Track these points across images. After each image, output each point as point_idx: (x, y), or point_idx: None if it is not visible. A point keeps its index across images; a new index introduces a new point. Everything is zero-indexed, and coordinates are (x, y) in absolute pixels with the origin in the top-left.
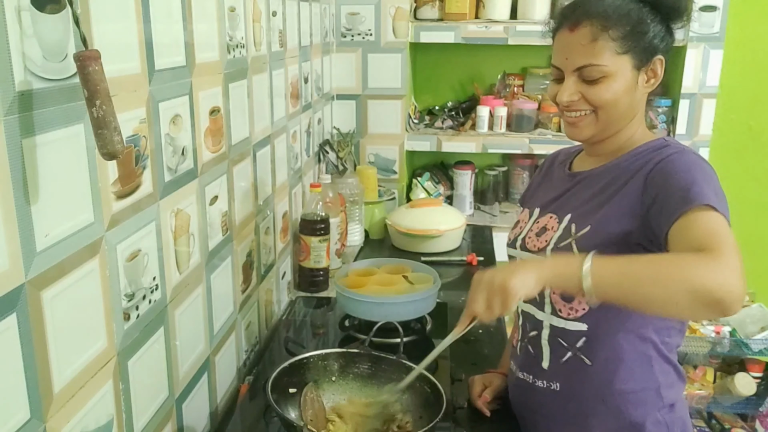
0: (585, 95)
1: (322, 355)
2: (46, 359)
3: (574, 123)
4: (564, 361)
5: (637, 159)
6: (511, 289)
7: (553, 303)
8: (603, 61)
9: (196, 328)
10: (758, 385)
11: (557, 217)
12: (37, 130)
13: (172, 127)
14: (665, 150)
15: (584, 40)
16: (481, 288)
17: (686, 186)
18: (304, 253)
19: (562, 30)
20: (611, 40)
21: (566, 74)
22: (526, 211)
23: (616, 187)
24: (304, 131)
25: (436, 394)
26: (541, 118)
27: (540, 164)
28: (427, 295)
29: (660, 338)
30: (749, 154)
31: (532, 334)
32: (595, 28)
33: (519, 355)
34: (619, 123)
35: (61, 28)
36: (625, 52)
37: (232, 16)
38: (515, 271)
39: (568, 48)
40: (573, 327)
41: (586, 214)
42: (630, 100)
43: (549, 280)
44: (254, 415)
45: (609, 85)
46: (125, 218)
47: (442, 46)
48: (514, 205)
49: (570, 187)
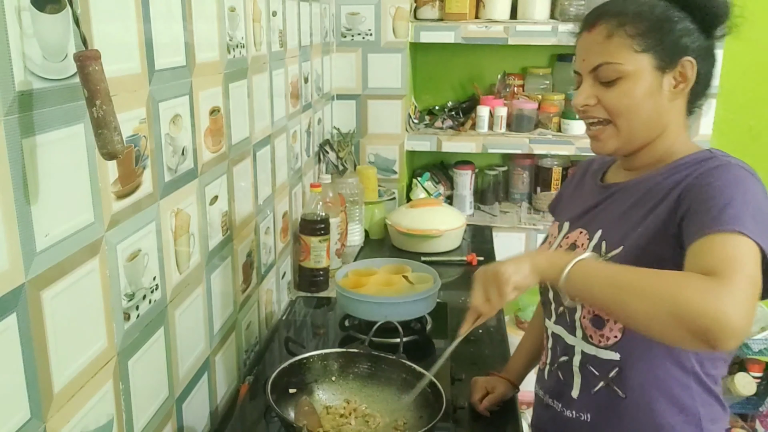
0: (601, 99)
1: (322, 355)
2: (46, 359)
3: (596, 136)
4: (595, 391)
5: (677, 172)
6: (502, 276)
7: (584, 327)
8: (618, 59)
9: (196, 328)
10: (758, 385)
11: (587, 233)
12: (37, 130)
13: (172, 127)
14: (708, 162)
15: (599, 37)
16: (478, 280)
17: (722, 205)
18: (304, 253)
19: (582, 33)
20: (628, 36)
21: (583, 76)
22: (555, 225)
23: (653, 204)
24: (304, 131)
25: (436, 394)
26: (541, 118)
27: (573, 172)
28: (427, 295)
29: (703, 369)
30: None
31: (563, 359)
32: (611, 24)
33: (547, 380)
34: (645, 132)
35: (61, 28)
36: (644, 51)
37: (232, 16)
38: (511, 260)
39: (584, 49)
40: (605, 356)
41: (618, 231)
42: (653, 105)
43: (543, 270)
44: (254, 415)
45: (626, 87)
46: (125, 218)
47: (442, 46)
48: (515, 204)
49: (602, 200)
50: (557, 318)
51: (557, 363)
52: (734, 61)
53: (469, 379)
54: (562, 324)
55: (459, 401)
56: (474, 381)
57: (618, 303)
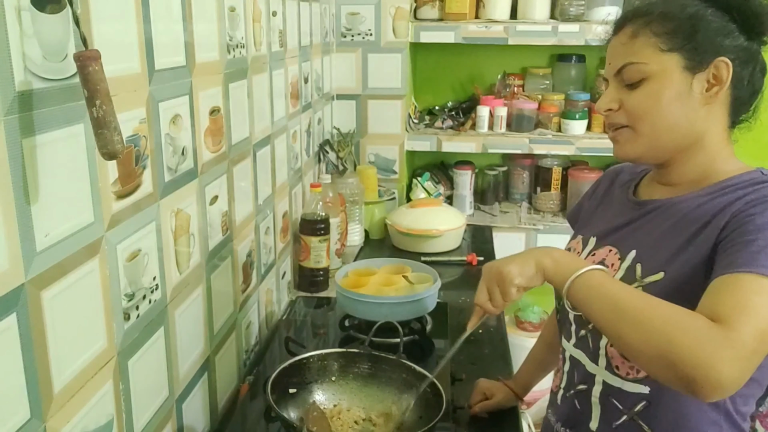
0: (624, 102)
1: (322, 355)
2: (46, 359)
3: (614, 138)
4: (617, 425)
5: (724, 194)
6: (506, 275)
7: (609, 357)
8: (642, 59)
9: (196, 328)
10: None
11: (619, 253)
12: (37, 130)
13: (172, 127)
14: (762, 188)
15: (624, 38)
16: (483, 278)
17: (764, 244)
18: (304, 253)
19: (611, 39)
20: (653, 35)
21: (609, 81)
22: (579, 239)
23: (696, 228)
24: (304, 131)
25: (436, 394)
26: (541, 118)
27: (596, 181)
28: (427, 295)
29: (735, 406)
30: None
31: (581, 387)
32: (637, 24)
33: (560, 406)
34: (671, 139)
35: (61, 28)
36: (671, 50)
37: (232, 16)
38: (516, 257)
39: (610, 53)
40: (632, 389)
41: (657, 254)
42: (681, 109)
43: (549, 272)
44: (254, 415)
45: (651, 88)
46: (125, 218)
47: (442, 46)
48: (514, 205)
49: (636, 217)
50: (577, 341)
51: (574, 390)
52: None
53: (469, 379)
54: (583, 349)
55: (459, 401)
56: (477, 383)
57: (613, 325)
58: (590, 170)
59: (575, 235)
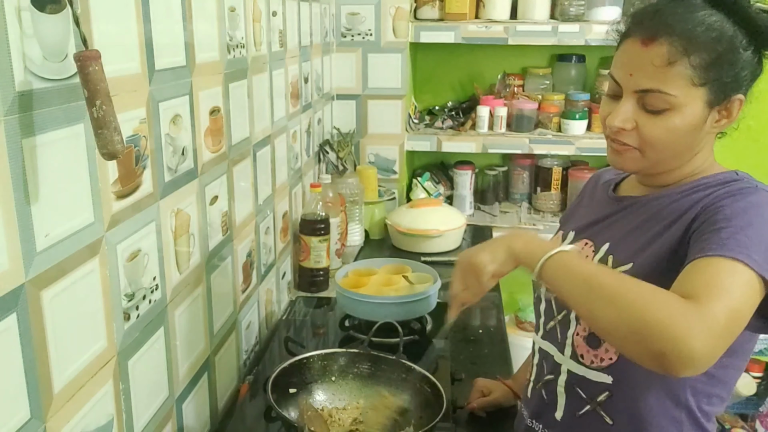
0: (640, 127)
1: (322, 355)
2: (46, 359)
3: (619, 152)
4: (580, 414)
5: (696, 191)
6: (478, 264)
7: (575, 346)
8: (674, 91)
9: (196, 328)
10: (758, 385)
11: (593, 245)
12: (37, 130)
13: (172, 127)
14: (733, 185)
15: (658, 60)
16: (456, 268)
17: (734, 230)
18: (304, 253)
19: (633, 39)
20: (691, 67)
21: (625, 93)
22: (559, 234)
23: (668, 222)
24: (304, 131)
25: (436, 394)
26: (541, 118)
27: (584, 185)
28: (427, 295)
29: (697, 403)
30: (749, 154)
31: (548, 377)
32: (675, 48)
33: (530, 399)
34: (674, 162)
35: (61, 28)
36: (703, 84)
37: (232, 16)
38: (487, 245)
39: (635, 64)
40: (595, 377)
41: (628, 247)
42: (691, 140)
43: (520, 256)
44: (254, 415)
45: (671, 120)
46: (125, 218)
47: (442, 46)
48: (514, 205)
49: (613, 212)
50: (545, 333)
51: (542, 381)
52: None
53: (469, 379)
54: (551, 340)
55: (459, 401)
56: (474, 381)
57: (586, 303)
58: (590, 170)
59: (557, 231)
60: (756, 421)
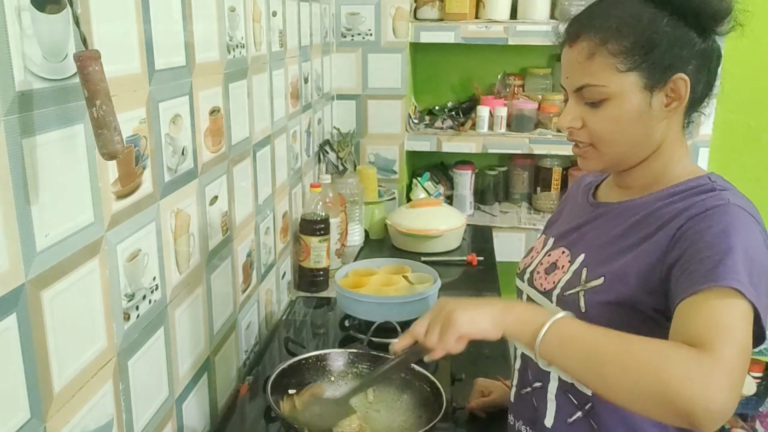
0: (587, 122)
1: (322, 355)
2: (46, 359)
3: (580, 154)
4: (571, 421)
5: (673, 202)
6: (454, 323)
7: None
8: (601, 81)
9: (196, 328)
10: (758, 385)
11: (569, 255)
12: (37, 130)
13: (172, 127)
14: (707, 200)
15: (581, 56)
16: (432, 310)
17: (718, 257)
18: (304, 253)
19: (565, 46)
20: (610, 55)
21: (569, 96)
22: (542, 238)
23: (644, 234)
24: (304, 131)
25: (436, 394)
26: (541, 118)
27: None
28: (427, 295)
29: None
30: (749, 154)
31: (537, 385)
32: (592, 42)
33: (516, 404)
34: (634, 154)
35: (61, 28)
36: (630, 70)
37: (232, 16)
38: (472, 306)
39: (567, 66)
40: (581, 386)
41: (603, 259)
42: (642, 128)
43: (509, 329)
44: (254, 415)
45: (611, 109)
46: (125, 218)
47: (442, 46)
48: (514, 205)
49: (590, 219)
50: None
51: (531, 388)
52: (734, 61)
53: (468, 379)
54: None
55: (459, 401)
56: (474, 382)
57: (598, 376)
58: None
59: (541, 234)
60: (756, 421)
